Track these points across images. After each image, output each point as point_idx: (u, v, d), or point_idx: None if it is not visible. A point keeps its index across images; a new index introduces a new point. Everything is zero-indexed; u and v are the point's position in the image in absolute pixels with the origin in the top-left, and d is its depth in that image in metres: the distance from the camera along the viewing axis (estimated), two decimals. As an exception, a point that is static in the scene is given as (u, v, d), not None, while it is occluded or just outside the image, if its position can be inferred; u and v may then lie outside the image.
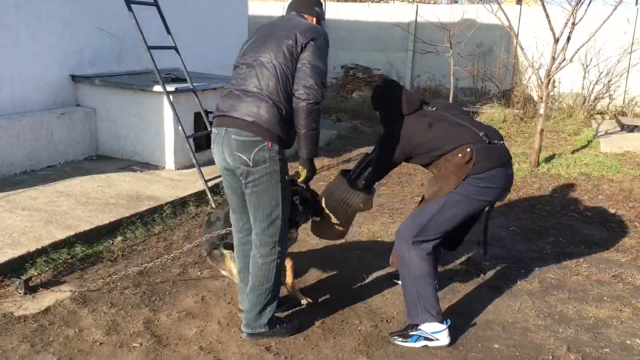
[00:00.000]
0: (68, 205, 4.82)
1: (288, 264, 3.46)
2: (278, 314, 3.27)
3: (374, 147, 3.46)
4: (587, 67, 11.00)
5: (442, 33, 10.04)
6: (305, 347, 3.13)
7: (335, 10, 14.08)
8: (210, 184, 5.43)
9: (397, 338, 3.21)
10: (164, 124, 6.13)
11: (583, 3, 6.94)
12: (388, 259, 3.88)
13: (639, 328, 3.48)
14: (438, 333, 3.14)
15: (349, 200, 3.36)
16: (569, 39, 6.94)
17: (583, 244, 4.77)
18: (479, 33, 11.52)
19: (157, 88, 5.91)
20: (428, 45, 10.51)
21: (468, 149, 3.13)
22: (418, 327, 3.16)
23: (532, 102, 10.93)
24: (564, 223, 5.28)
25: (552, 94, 10.50)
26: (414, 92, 3.49)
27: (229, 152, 2.91)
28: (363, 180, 3.44)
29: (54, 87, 6.23)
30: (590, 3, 7.03)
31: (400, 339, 3.19)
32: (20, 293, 3.52)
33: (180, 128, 5.63)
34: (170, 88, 5.84)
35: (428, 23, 11.06)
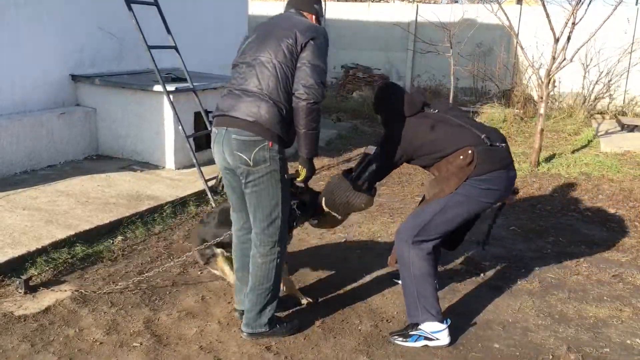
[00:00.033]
0: (68, 205, 4.82)
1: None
2: (278, 314, 3.27)
3: (376, 147, 3.45)
4: (587, 66, 10.99)
5: (442, 33, 10.05)
6: (306, 346, 3.13)
7: (336, 10, 14.06)
8: (210, 184, 5.43)
9: (397, 338, 3.21)
10: (164, 124, 6.13)
11: (583, 3, 6.94)
12: (388, 259, 3.87)
13: (639, 328, 3.48)
14: (438, 333, 3.14)
15: (351, 201, 3.36)
16: (569, 39, 6.94)
17: (583, 244, 4.77)
18: (479, 33, 11.51)
19: (157, 88, 5.91)
20: (428, 45, 10.52)
21: (469, 151, 3.13)
22: (418, 326, 3.16)
23: (532, 101, 10.91)
24: (564, 223, 5.28)
25: (552, 94, 10.48)
26: (415, 93, 3.49)
27: (229, 151, 2.91)
28: (364, 181, 3.44)
29: (54, 86, 6.23)
30: (591, 3, 7.03)
31: (401, 339, 3.19)
32: (21, 292, 3.52)
33: (181, 128, 5.63)
34: (171, 88, 5.84)
35: (428, 23, 11.06)
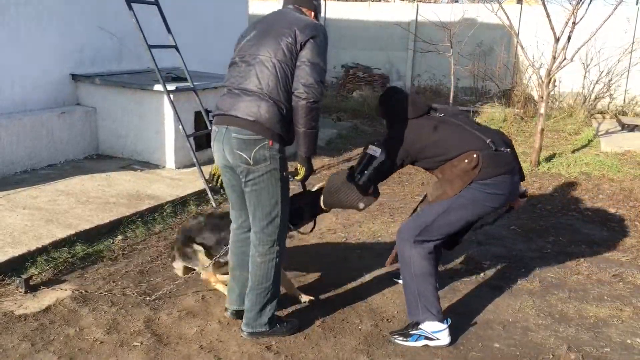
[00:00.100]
0: (68, 204, 4.82)
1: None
2: (278, 313, 3.27)
3: (377, 147, 3.42)
4: (587, 66, 10.99)
5: (442, 32, 10.05)
6: (306, 346, 3.13)
7: (336, 10, 14.05)
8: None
9: (397, 337, 3.20)
10: (165, 123, 6.13)
11: (583, 2, 6.93)
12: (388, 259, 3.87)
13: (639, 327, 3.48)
14: (438, 332, 3.14)
15: (352, 202, 3.34)
16: (570, 39, 6.94)
17: (583, 244, 4.77)
18: (480, 32, 11.52)
19: (157, 87, 5.91)
20: (428, 45, 10.52)
21: (474, 155, 3.12)
22: (419, 326, 3.16)
23: (532, 101, 10.91)
24: (565, 222, 5.28)
25: (552, 94, 10.49)
26: (418, 96, 3.48)
27: (230, 150, 2.91)
28: (365, 182, 3.43)
29: (54, 86, 6.23)
30: (591, 2, 7.03)
31: (401, 338, 3.19)
32: (21, 292, 3.52)
33: (181, 127, 5.63)
34: (171, 87, 5.83)
35: (428, 22, 11.07)
